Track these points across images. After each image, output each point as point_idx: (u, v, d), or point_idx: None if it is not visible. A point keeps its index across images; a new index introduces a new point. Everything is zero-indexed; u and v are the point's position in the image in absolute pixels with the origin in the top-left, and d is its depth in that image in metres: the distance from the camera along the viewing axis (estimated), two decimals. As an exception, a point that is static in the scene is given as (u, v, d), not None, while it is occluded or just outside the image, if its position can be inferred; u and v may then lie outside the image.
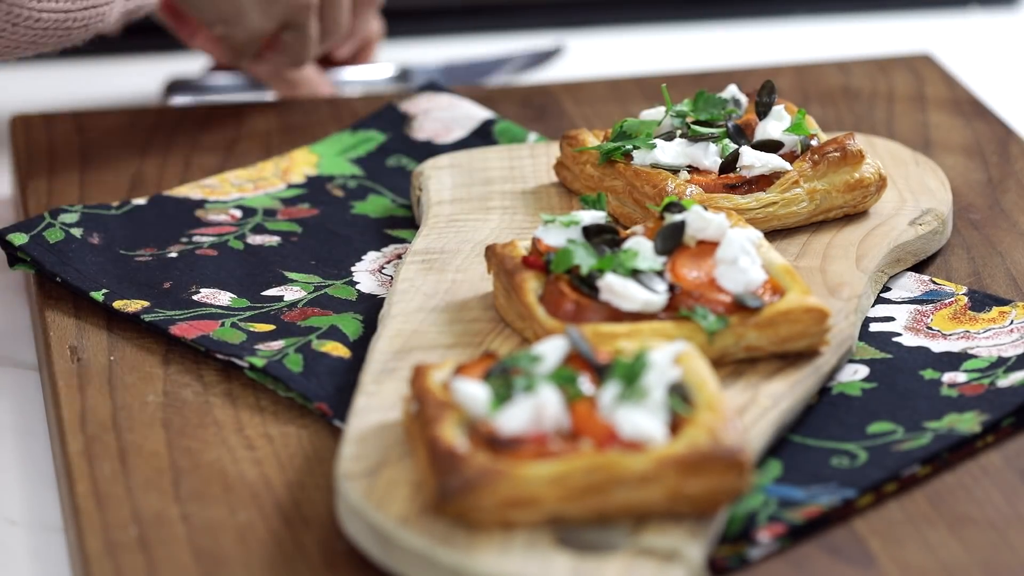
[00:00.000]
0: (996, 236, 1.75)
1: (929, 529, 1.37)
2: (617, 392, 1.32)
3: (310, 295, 1.64)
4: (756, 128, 1.73)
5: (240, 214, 1.77)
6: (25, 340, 1.68)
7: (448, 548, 1.28)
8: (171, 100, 2.07)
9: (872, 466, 1.41)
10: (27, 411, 1.60)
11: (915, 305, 1.62)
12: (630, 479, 1.28)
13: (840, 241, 1.67)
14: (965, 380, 1.51)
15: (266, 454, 1.45)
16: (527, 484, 1.28)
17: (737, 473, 1.30)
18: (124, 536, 1.36)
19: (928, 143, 1.93)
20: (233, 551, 1.35)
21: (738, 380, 1.47)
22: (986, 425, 1.46)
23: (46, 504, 1.48)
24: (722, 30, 2.42)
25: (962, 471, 1.43)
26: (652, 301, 1.47)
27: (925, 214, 1.71)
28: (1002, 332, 1.58)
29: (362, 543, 1.32)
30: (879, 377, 1.53)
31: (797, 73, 2.07)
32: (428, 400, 1.34)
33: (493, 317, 1.55)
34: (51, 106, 2.03)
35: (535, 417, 1.31)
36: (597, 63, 2.26)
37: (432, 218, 1.71)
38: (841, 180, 1.69)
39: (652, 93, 1.99)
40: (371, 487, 1.33)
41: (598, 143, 1.73)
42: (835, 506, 1.38)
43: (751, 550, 1.35)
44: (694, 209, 1.54)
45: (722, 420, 1.31)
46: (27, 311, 1.73)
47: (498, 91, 2.04)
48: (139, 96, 2.11)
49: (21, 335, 1.69)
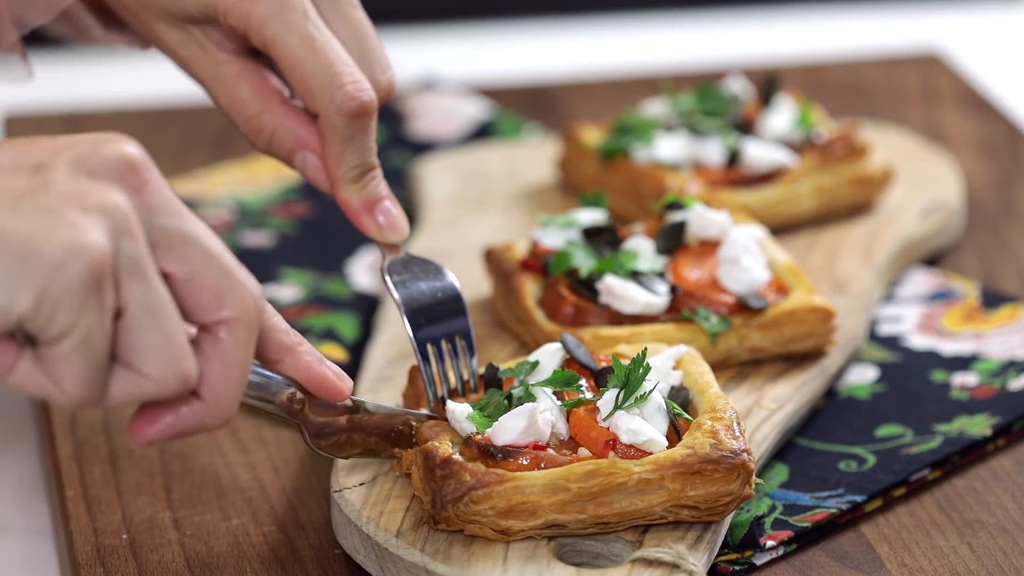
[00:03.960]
0: (1007, 233, 1.75)
1: (939, 534, 1.36)
2: (616, 398, 1.30)
3: (305, 293, 1.63)
4: (761, 121, 1.72)
5: (233, 212, 1.76)
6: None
7: (445, 561, 1.25)
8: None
9: (881, 470, 1.40)
10: (17, 414, 1.58)
11: (925, 304, 1.61)
12: (630, 485, 1.26)
13: (847, 236, 1.66)
14: (976, 382, 1.50)
15: (260, 458, 1.44)
16: (525, 491, 1.26)
17: (741, 478, 1.27)
18: (115, 542, 1.35)
19: (938, 140, 1.92)
20: (226, 557, 1.34)
21: (742, 383, 1.46)
22: (997, 428, 1.44)
23: (36, 509, 1.47)
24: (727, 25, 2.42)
25: (972, 475, 1.42)
26: (653, 303, 1.46)
27: (934, 207, 1.71)
28: (1013, 332, 1.56)
29: (357, 556, 1.30)
30: (888, 379, 1.51)
31: (805, 70, 2.07)
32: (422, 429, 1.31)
33: (492, 321, 1.53)
34: (42, 108, 2.02)
35: (531, 425, 1.28)
36: (599, 57, 2.26)
37: (429, 218, 1.70)
38: (847, 174, 1.69)
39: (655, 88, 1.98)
40: (366, 499, 1.31)
41: (599, 138, 1.72)
42: (843, 511, 1.36)
43: (757, 556, 1.33)
44: (695, 208, 1.52)
45: (725, 424, 1.29)
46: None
47: (497, 86, 2.03)
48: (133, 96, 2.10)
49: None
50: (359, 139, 1.36)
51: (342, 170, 1.37)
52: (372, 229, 1.39)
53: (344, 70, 1.35)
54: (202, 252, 1.12)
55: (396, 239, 1.40)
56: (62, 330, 1.06)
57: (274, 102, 1.38)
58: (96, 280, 1.06)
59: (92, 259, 1.06)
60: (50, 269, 1.05)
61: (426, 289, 1.38)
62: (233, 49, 1.38)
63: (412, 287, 1.38)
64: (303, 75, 1.35)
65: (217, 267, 1.12)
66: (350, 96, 1.34)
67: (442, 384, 1.36)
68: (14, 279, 1.05)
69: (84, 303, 1.06)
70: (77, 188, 1.08)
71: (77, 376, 1.08)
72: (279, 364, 1.21)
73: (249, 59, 1.39)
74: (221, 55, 1.38)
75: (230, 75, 1.39)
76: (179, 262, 1.11)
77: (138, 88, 2.12)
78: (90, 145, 1.11)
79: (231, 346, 1.13)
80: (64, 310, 1.06)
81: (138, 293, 1.08)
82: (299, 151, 1.38)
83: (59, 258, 1.05)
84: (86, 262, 1.06)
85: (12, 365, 1.08)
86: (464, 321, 1.38)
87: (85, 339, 1.07)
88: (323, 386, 1.24)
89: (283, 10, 1.34)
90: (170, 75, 2.09)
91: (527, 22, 2.39)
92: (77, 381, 1.08)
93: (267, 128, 1.38)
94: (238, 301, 1.12)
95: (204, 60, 1.39)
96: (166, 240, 1.11)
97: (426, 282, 1.39)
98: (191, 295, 1.12)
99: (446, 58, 2.20)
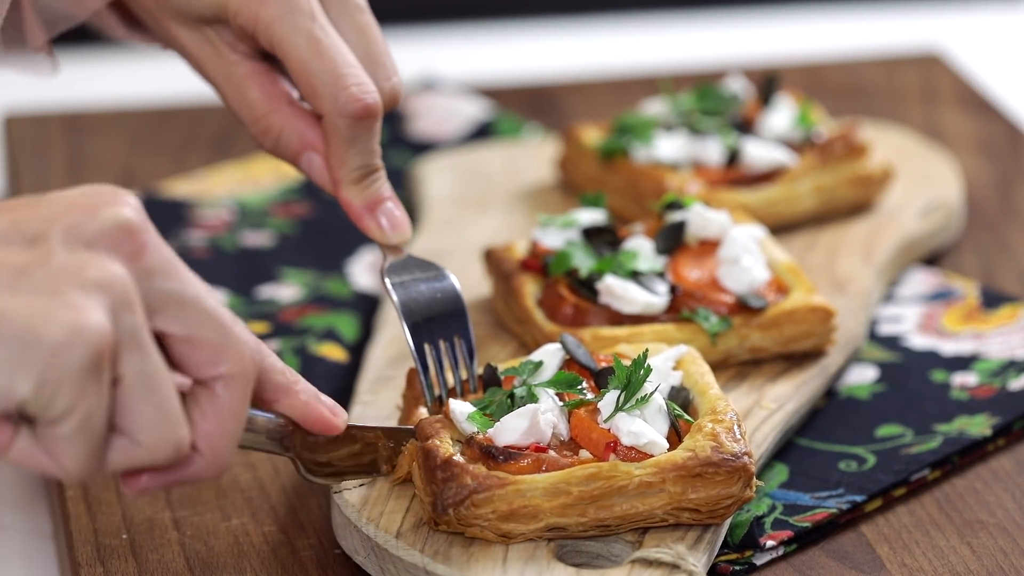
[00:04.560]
0: (1007, 233, 1.75)
1: (939, 534, 1.35)
2: (618, 399, 1.29)
3: (305, 293, 1.63)
4: (761, 121, 1.72)
5: (233, 212, 1.76)
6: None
7: (445, 562, 1.25)
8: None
9: (881, 470, 1.39)
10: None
11: (925, 304, 1.61)
12: (631, 488, 1.26)
13: (847, 236, 1.66)
14: (976, 382, 1.50)
15: (260, 458, 1.43)
16: (526, 494, 1.25)
17: (742, 481, 1.27)
18: (115, 542, 1.35)
19: (938, 140, 1.92)
20: (226, 557, 1.33)
21: (742, 383, 1.45)
22: (997, 428, 1.44)
23: (36, 509, 1.46)
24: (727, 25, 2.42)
25: (972, 475, 1.42)
26: (653, 303, 1.45)
27: (934, 206, 1.70)
28: (1013, 332, 1.56)
29: (357, 556, 1.30)
30: (888, 379, 1.51)
31: (805, 70, 2.06)
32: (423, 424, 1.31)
33: (491, 321, 1.53)
34: (43, 107, 2.02)
35: (533, 427, 1.28)
36: (599, 57, 2.25)
37: (429, 218, 1.70)
38: (847, 174, 1.68)
39: (655, 88, 1.98)
40: (366, 500, 1.31)
41: (599, 137, 1.72)
42: (843, 511, 1.36)
43: (757, 556, 1.32)
44: (695, 207, 1.52)
45: (725, 427, 1.29)
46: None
47: (497, 86, 2.03)
48: (133, 96, 2.10)
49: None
50: (362, 141, 1.37)
51: (345, 171, 1.37)
52: (373, 230, 1.39)
53: (349, 72, 1.35)
54: (200, 312, 1.11)
55: (398, 240, 1.40)
56: (63, 411, 1.06)
57: (282, 103, 1.39)
58: (97, 361, 1.05)
59: (93, 340, 1.05)
60: (51, 353, 1.04)
61: (425, 291, 1.38)
62: (245, 51, 1.39)
63: (412, 289, 1.38)
64: (308, 76, 1.35)
65: (214, 326, 1.11)
66: (354, 98, 1.35)
67: (440, 386, 1.36)
68: (15, 363, 1.04)
69: (85, 385, 1.05)
70: (75, 262, 1.07)
71: (77, 454, 1.08)
72: (276, 404, 1.22)
73: (260, 62, 1.40)
74: (233, 56, 1.39)
75: (240, 76, 1.39)
76: (177, 323, 1.11)
77: (138, 88, 2.12)
78: (86, 211, 1.09)
79: (228, 400, 1.13)
80: (65, 393, 1.05)
81: (135, 364, 1.08)
82: (305, 152, 1.38)
83: (61, 341, 1.04)
84: (87, 344, 1.05)
85: (9, 443, 1.07)
86: (463, 323, 1.38)
87: (85, 419, 1.07)
88: (319, 423, 1.24)
89: (291, 12, 1.35)
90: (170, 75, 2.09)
91: (527, 22, 2.39)
92: (77, 458, 1.08)
93: (274, 129, 1.39)
94: (235, 357, 1.12)
95: (216, 61, 1.40)
96: (163, 302, 1.10)
97: (426, 284, 1.39)
98: (189, 353, 1.11)
99: (446, 58, 2.20)
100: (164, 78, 2.10)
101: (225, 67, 1.39)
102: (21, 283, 1.06)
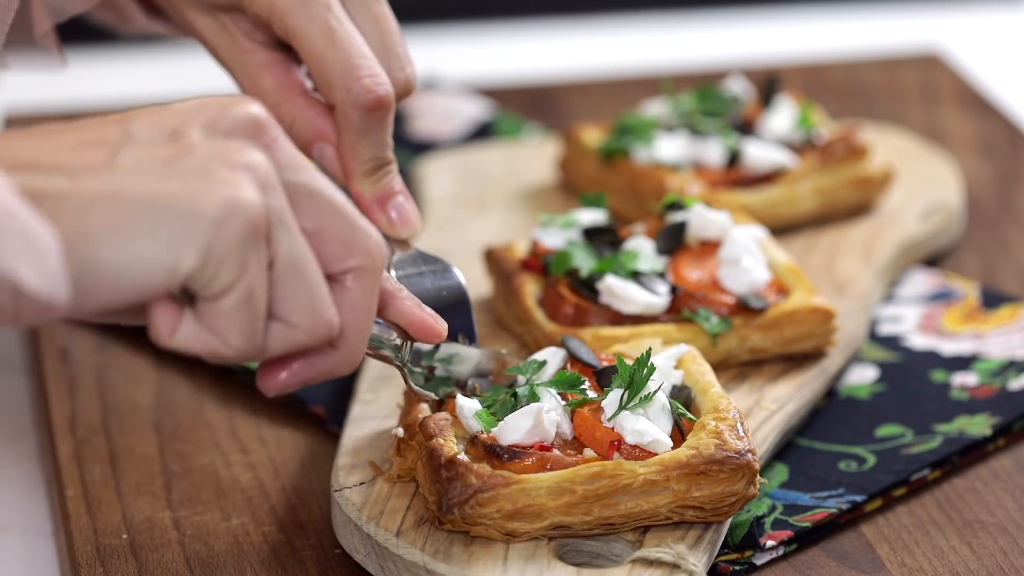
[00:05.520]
0: (1007, 233, 1.75)
1: (939, 534, 1.36)
2: (621, 398, 1.29)
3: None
4: (762, 122, 1.72)
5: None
6: (14, 342, 1.67)
7: (445, 561, 1.25)
8: None
9: (881, 470, 1.39)
10: (16, 414, 1.58)
11: (925, 304, 1.61)
12: (636, 487, 1.26)
13: (847, 237, 1.66)
14: (976, 382, 1.50)
15: (260, 458, 1.43)
16: (531, 493, 1.25)
17: (746, 479, 1.27)
18: (115, 542, 1.35)
19: (938, 141, 1.92)
20: (226, 557, 1.33)
21: (742, 383, 1.45)
22: (997, 428, 1.44)
23: (36, 509, 1.47)
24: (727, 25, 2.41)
25: (972, 475, 1.42)
26: (653, 303, 1.45)
27: (934, 208, 1.70)
28: (1013, 332, 1.56)
29: (357, 555, 1.30)
30: (888, 379, 1.51)
31: (805, 71, 2.06)
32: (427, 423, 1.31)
33: (492, 321, 1.53)
34: (44, 107, 2.01)
35: (537, 425, 1.28)
36: (599, 57, 2.25)
37: (429, 218, 1.70)
38: (847, 175, 1.68)
39: (656, 88, 1.98)
40: (366, 499, 1.31)
41: (599, 138, 1.72)
42: (843, 511, 1.36)
43: (757, 556, 1.32)
44: (696, 208, 1.52)
45: (728, 424, 1.29)
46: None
47: (497, 86, 2.03)
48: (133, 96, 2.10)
49: (10, 336, 1.68)
50: (374, 132, 1.37)
51: (356, 163, 1.38)
52: (383, 223, 1.40)
53: (362, 63, 1.35)
54: (328, 205, 1.14)
55: (406, 234, 1.40)
56: (227, 284, 1.09)
57: (295, 94, 1.39)
58: (255, 233, 1.09)
59: (251, 213, 1.08)
60: (213, 226, 1.08)
61: (431, 287, 1.38)
62: (261, 40, 1.40)
63: (417, 284, 1.38)
64: (322, 66, 1.35)
65: (343, 219, 1.15)
66: (367, 89, 1.35)
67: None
68: (179, 239, 1.07)
69: (246, 257, 1.09)
70: (219, 148, 1.11)
71: (242, 328, 1.11)
72: (384, 311, 1.25)
73: (276, 51, 1.41)
74: (248, 44, 1.40)
75: (255, 64, 1.40)
76: (309, 216, 1.14)
77: (138, 88, 2.12)
78: (218, 108, 1.13)
79: (359, 293, 1.16)
80: (228, 265, 1.08)
81: (285, 245, 1.11)
82: (317, 143, 1.39)
83: (220, 215, 1.08)
84: (246, 216, 1.08)
85: (175, 326, 1.11)
86: (468, 320, 1.38)
87: (248, 292, 1.10)
88: (423, 329, 1.27)
89: (306, 1, 1.35)
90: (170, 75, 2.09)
91: (527, 22, 2.39)
92: (242, 333, 1.11)
93: (286, 118, 1.39)
94: (364, 250, 1.15)
95: (232, 48, 1.41)
96: (296, 194, 1.13)
97: (432, 279, 1.39)
98: (320, 247, 1.14)
99: (447, 58, 2.20)
100: (165, 78, 2.10)
101: (240, 55, 1.40)
102: (171, 169, 1.09)
